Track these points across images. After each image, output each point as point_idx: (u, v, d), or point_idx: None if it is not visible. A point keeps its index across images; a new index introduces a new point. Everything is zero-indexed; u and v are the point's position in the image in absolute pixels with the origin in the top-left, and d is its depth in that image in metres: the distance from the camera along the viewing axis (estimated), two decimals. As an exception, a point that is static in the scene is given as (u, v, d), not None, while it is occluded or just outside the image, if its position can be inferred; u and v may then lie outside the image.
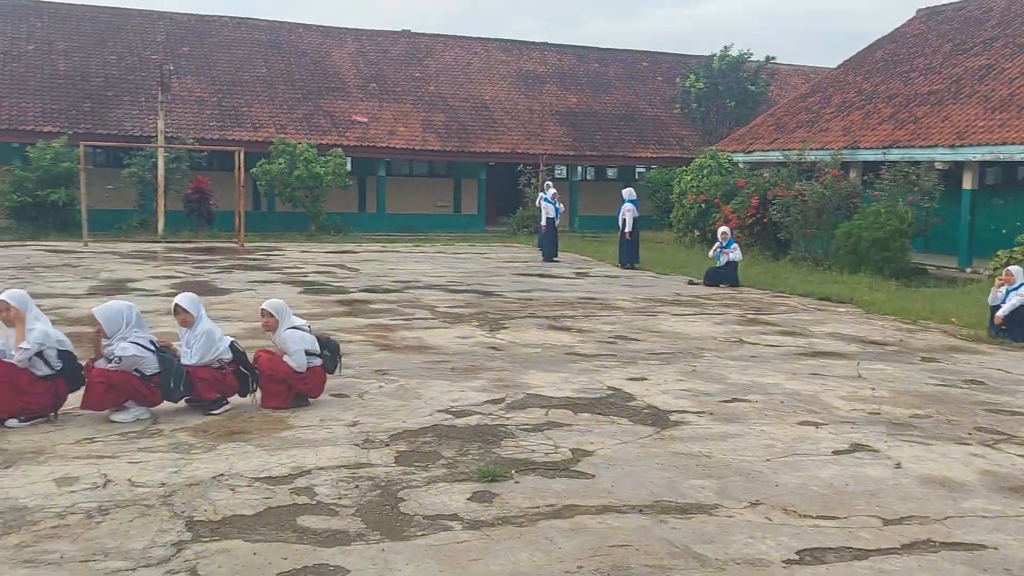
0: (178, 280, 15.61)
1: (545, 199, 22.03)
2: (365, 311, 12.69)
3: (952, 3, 28.11)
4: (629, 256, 20.26)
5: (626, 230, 20.14)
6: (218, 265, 18.33)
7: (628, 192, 21.09)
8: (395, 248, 23.79)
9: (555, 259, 21.28)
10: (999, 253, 16.82)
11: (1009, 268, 11.85)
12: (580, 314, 13.04)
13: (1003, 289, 11.58)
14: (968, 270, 19.30)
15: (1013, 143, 18.42)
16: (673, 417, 7.50)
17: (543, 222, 21.67)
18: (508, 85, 34.69)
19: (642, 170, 33.89)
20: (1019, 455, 6.66)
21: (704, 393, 8.36)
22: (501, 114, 32.77)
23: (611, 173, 35.85)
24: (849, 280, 17.10)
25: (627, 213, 20.24)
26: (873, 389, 8.68)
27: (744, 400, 8.13)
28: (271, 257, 20.30)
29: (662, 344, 10.81)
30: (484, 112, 32.60)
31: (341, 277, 16.77)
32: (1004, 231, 19.07)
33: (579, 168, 33.97)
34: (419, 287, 15.54)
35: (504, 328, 11.61)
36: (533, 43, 38.42)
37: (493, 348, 10.24)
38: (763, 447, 6.71)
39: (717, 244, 17.27)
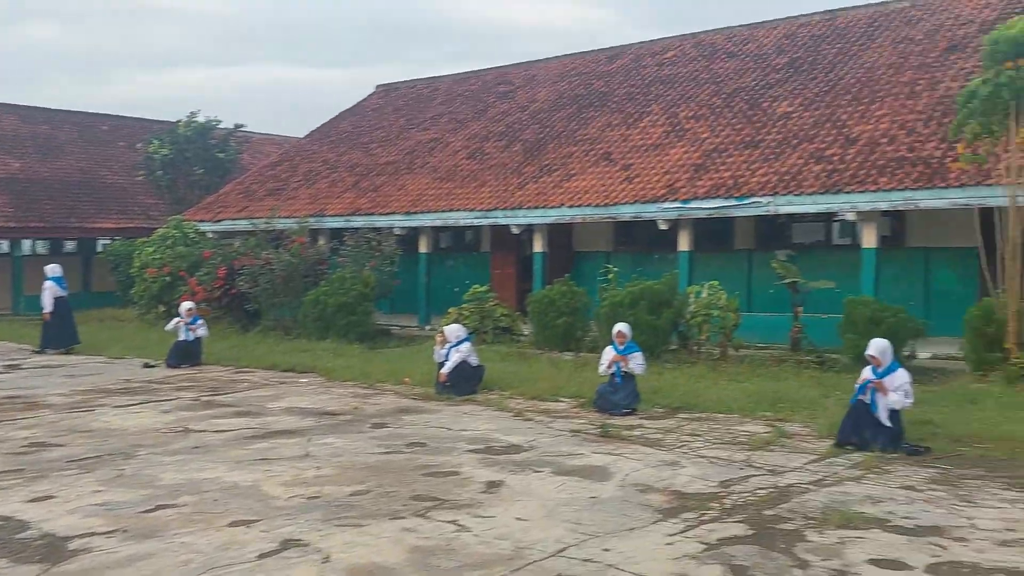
0: None
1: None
2: None
3: (406, 81, 30.38)
4: (55, 340, 18.06)
5: (46, 311, 18.03)
6: None
7: (51, 269, 18.78)
8: None
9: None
10: (450, 311, 18.09)
11: (443, 328, 12.45)
12: (-7, 419, 10.79)
13: (445, 347, 12.12)
14: (427, 328, 20.45)
15: (457, 209, 20.05)
16: (73, 545, 6.15)
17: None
18: (-71, 147, 29.38)
19: (107, 241, 30.90)
20: (447, 521, 6.55)
21: (124, 504, 7.10)
22: (-80, 181, 27.54)
23: (70, 246, 32.16)
24: (316, 347, 16.94)
25: (48, 292, 18.07)
26: (318, 468, 8.20)
27: (171, 506, 7.06)
28: None
29: (89, 446, 9.25)
30: (-102, 179, 27.09)
31: None
32: (456, 289, 20.61)
33: (26, 242, 29.84)
34: None
35: None
36: (-37, 100, 33.20)
37: None
38: (178, 565, 5.71)
39: (179, 320, 15.94)
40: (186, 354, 15.72)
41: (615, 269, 15.97)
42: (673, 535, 5.81)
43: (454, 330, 12.27)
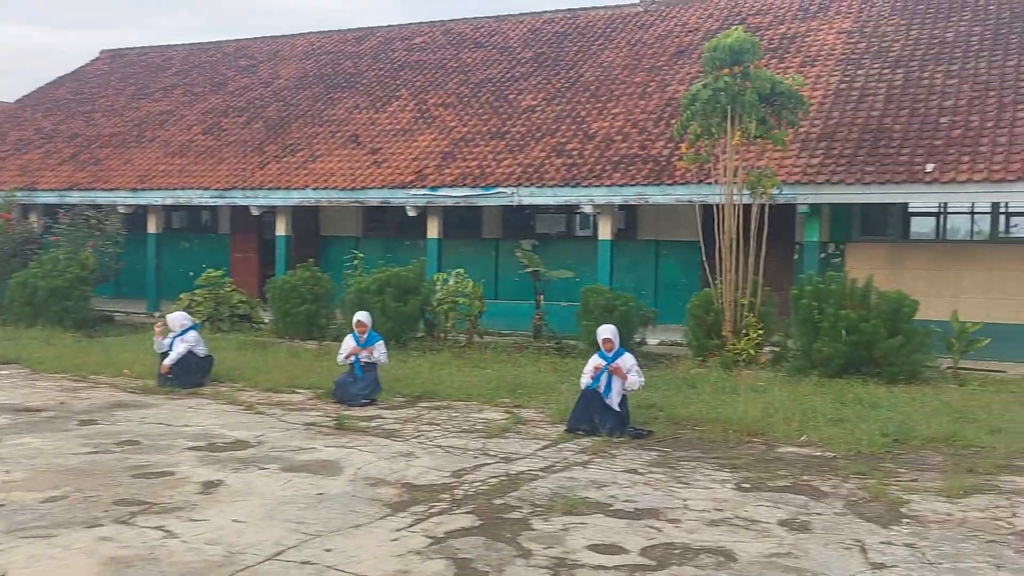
0: None
1: None
2: None
3: (136, 48, 28.06)
4: None
5: None
6: None
7: None
8: None
9: None
10: (182, 296, 16.86)
11: (164, 316, 11.53)
12: None
13: (169, 336, 11.20)
14: (156, 314, 18.97)
15: (192, 187, 18.75)
16: None
17: None
18: None
19: None
20: (153, 527, 5.91)
21: None
22: None
23: None
24: (23, 335, 15.18)
25: None
26: (7, 472, 7.19)
27: None
28: None
29: None
30: None
31: None
32: (191, 273, 19.29)
33: None
34: None
35: None
36: None
37: None
38: None
39: None
40: None
41: (362, 255, 15.58)
42: (400, 530, 5.59)
43: (178, 318, 11.36)
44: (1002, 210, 14.44)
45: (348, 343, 10.37)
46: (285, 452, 7.82)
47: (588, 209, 15.24)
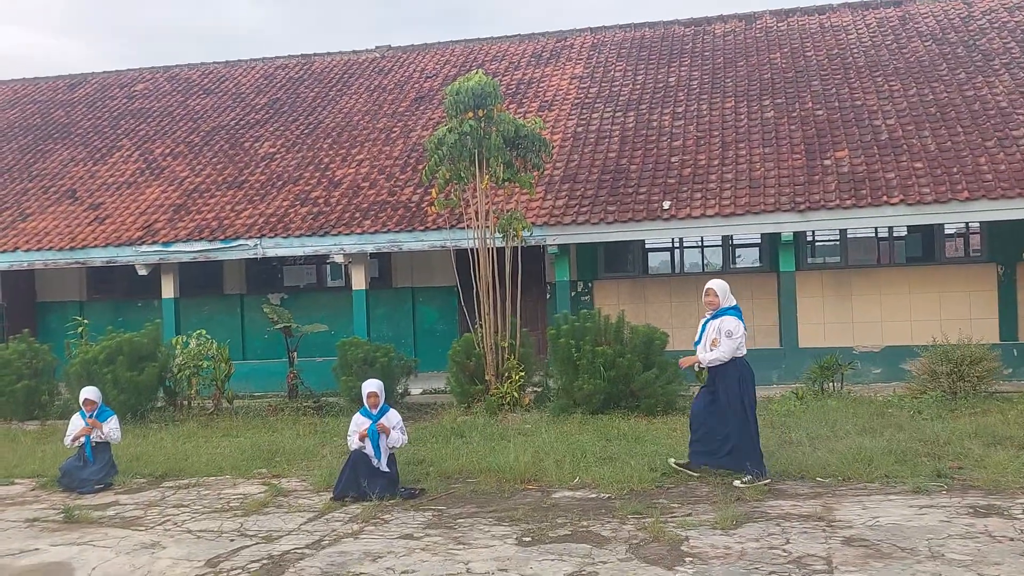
0: None
1: None
2: None
3: None
4: None
5: None
6: None
7: None
8: None
9: None
10: None
11: None
12: None
13: None
14: None
15: None
16: None
17: None
18: None
19: None
20: None
21: None
22: None
23: None
24: None
25: None
26: None
27: None
28: None
29: None
30: None
31: None
32: None
33: None
34: None
35: None
36: None
37: None
38: None
39: None
40: None
41: (86, 321, 14.03)
42: (149, 641, 4.83)
43: None
44: (731, 242, 15.62)
45: (76, 423, 9.13)
46: (2, 558, 6.66)
47: (339, 258, 14.71)
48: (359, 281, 15.00)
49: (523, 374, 11.83)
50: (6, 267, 15.92)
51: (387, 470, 7.74)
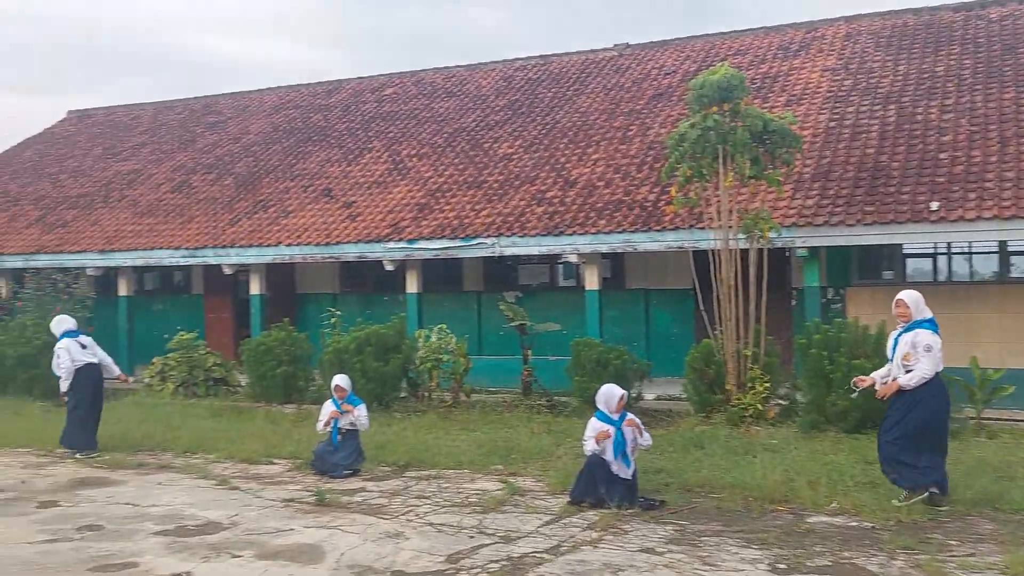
0: None
1: None
2: None
3: (103, 107, 27.50)
4: None
5: None
6: None
7: None
8: None
9: None
10: (155, 360, 16.12)
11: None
12: None
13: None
14: (131, 379, 18.14)
15: (162, 247, 18.05)
16: None
17: None
18: None
19: None
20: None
21: None
22: None
23: None
24: (25, 408, 14.40)
25: None
26: (-52, 572, 6.41)
27: None
28: None
29: None
30: None
31: None
32: (166, 336, 18.49)
33: None
34: None
35: None
36: None
37: None
38: None
39: None
40: None
41: (339, 313, 14.89)
42: (394, 632, 4.89)
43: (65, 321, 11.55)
44: (1009, 248, 13.98)
45: (327, 408, 9.66)
46: (261, 535, 7.09)
47: (573, 258, 14.67)
48: (592, 281, 14.89)
49: (767, 385, 11.15)
50: (270, 260, 17.23)
51: (628, 478, 7.51)
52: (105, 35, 76.21)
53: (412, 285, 16.32)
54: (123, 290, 19.25)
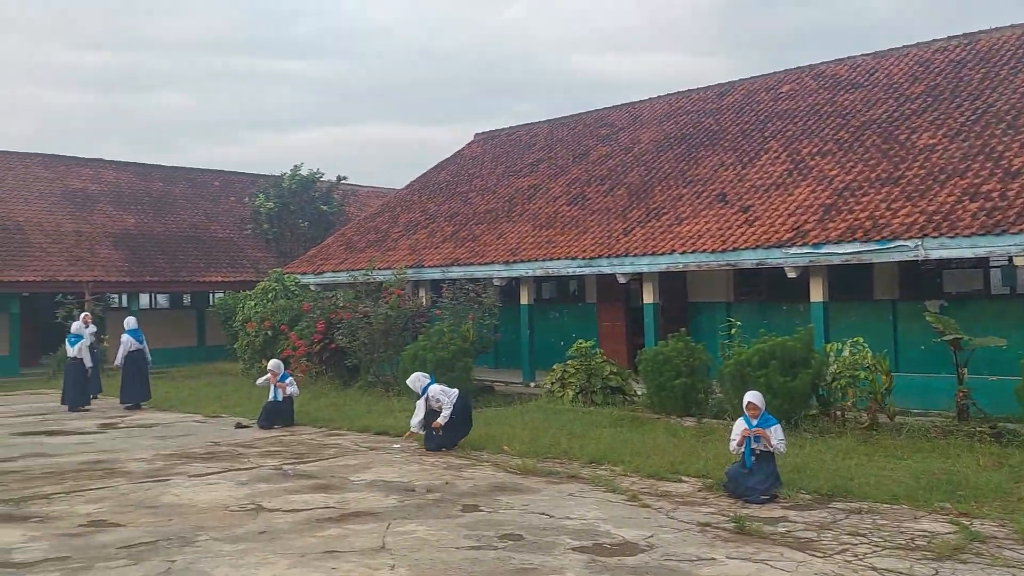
0: None
1: (70, 336, 18.43)
2: None
3: (504, 128, 29.54)
4: (132, 394, 18.00)
5: (117, 363, 18.35)
6: None
7: (128, 321, 19.00)
8: None
9: (84, 407, 17.62)
10: (555, 367, 16.69)
11: (409, 379, 12.65)
12: (63, 490, 9.97)
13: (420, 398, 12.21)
14: (532, 384, 19.11)
15: (559, 258, 18.74)
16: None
17: (88, 362, 18.19)
18: (50, 205, 30.13)
19: (221, 295, 30.96)
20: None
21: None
22: (40, 237, 28.12)
23: (187, 300, 32.49)
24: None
25: (123, 346, 18.13)
26: (392, 567, 6.88)
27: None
28: None
29: (149, 528, 8.23)
30: (17, 235, 27.73)
31: None
32: (562, 343, 19.23)
33: (144, 296, 30.25)
34: None
35: (-78, 531, 8.22)
36: (84, 159, 34.12)
37: None
38: None
39: (267, 377, 15.14)
40: (277, 414, 14.87)
41: (738, 322, 14.28)
42: None
43: (418, 379, 12.32)
44: None
45: (739, 426, 9.10)
46: (682, 562, 6.72)
47: (1020, 261, 12.60)
48: (1043, 288, 12.71)
49: None
50: (663, 268, 17.09)
51: None
52: (504, 65, 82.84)
53: (817, 293, 15.18)
54: (524, 299, 20.33)
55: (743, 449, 8.85)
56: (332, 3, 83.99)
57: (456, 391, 12.29)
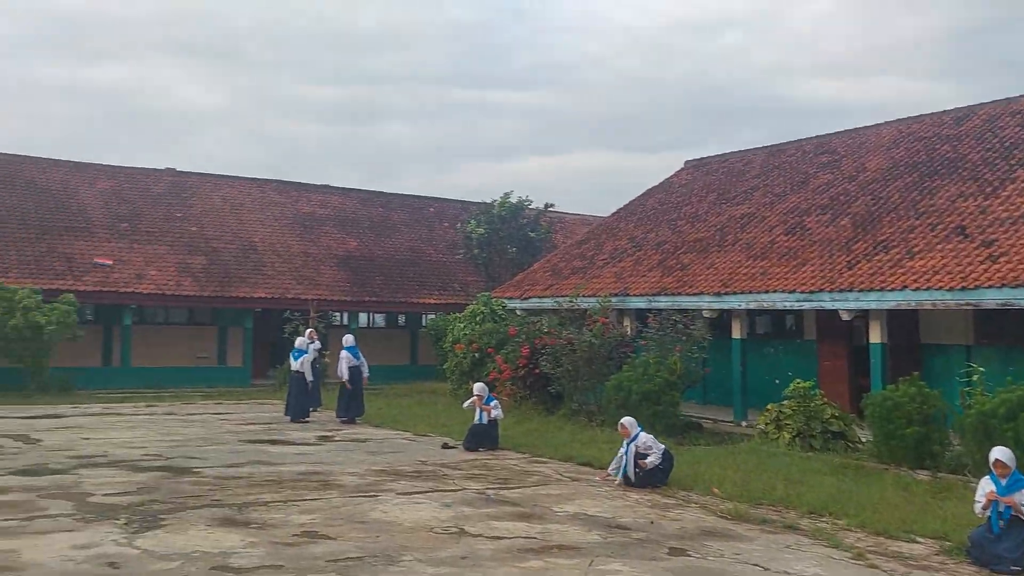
0: None
1: (294, 350, 19.57)
2: (-20, 507, 9.55)
3: (716, 155, 28.77)
4: (348, 409, 18.75)
5: (344, 379, 18.92)
6: None
7: (347, 339, 19.85)
8: (119, 409, 20.32)
9: (304, 419, 18.62)
10: (769, 407, 15.82)
11: (623, 421, 12.16)
12: (281, 499, 10.45)
13: (624, 443, 11.86)
14: (744, 424, 18.26)
15: (775, 291, 17.84)
16: None
17: (310, 376, 19.27)
18: (282, 227, 32.44)
19: (432, 317, 32.11)
20: None
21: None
22: (272, 257, 30.30)
23: (401, 320, 33.95)
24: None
25: (343, 362, 18.92)
26: (596, 609, 6.56)
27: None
28: (-59, 426, 16.45)
29: (357, 543, 8.41)
30: (252, 255, 30.02)
31: (6, 453, 13.38)
32: (776, 381, 18.28)
33: (362, 315, 31.89)
34: (98, 464, 12.48)
35: (158, 527, 8.84)
36: (313, 185, 36.58)
37: (112, 565, 7.47)
38: None
39: (473, 400, 15.33)
40: (482, 437, 15.02)
41: (980, 368, 12.91)
42: None
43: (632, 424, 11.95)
44: None
45: (985, 487, 8.12)
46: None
47: None
48: None
49: None
50: (893, 305, 15.84)
51: None
52: (718, 92, 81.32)
53: (1074, 338, 13.52)
54: (736, 332, 19.50)
55: (989, 512, 7.86)
56: (548, 37, 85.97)
57: (664, 447, 11.89)
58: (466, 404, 15.83)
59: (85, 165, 31.92)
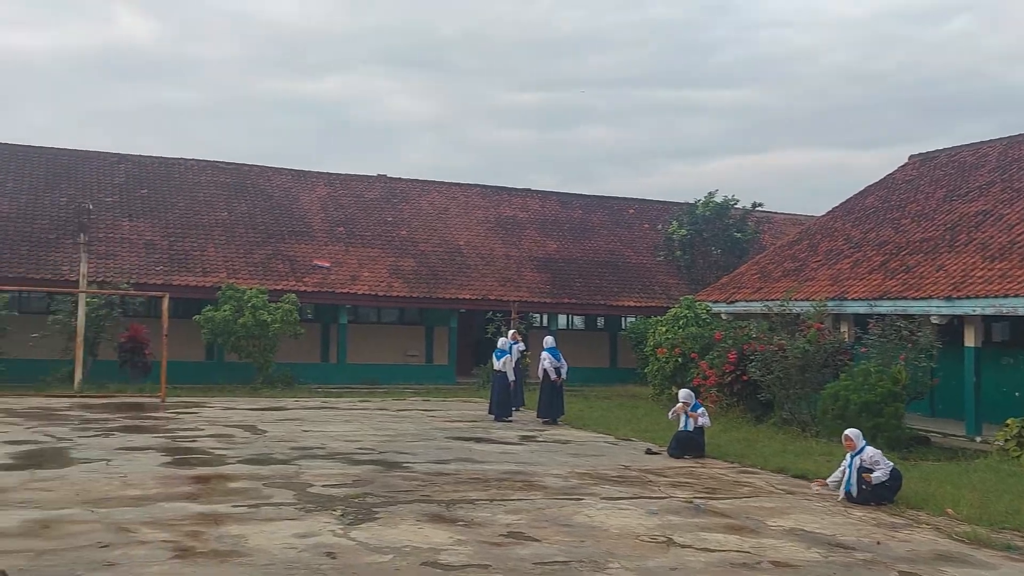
0: (21, 446, 13.24)
1: (497, 350, 19.83)
2: (214, 492, 10.23)
3: (945, 149, 26.60)
4: (549, 409, 18.64)
5: (552, 378, 18.82)
6: (100, 426, 15.95)
7: (547, 340, 19.72)
8: (336, 404, 21.40)
9: (507, 418, 18.82)
10: (1009, 422, 14.34)
11: (847, 432, 11.41)
12: (487, 497, 10.52)
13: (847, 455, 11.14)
14: (978, 439, 16.69)
15: (1016, 295, 16.14)
16: None
17: (511, 376, 19.51)
18: (485, 230, 33.16)
19: (632, 320, 31.78)
20: None
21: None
22: (476, 260, 31.04)
23: (600, 323, 33.84)
24: (836, 451, 14.48)
25: (544, 363, 18.87)
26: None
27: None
28: (184, 415, 17.94)
29: (563, 547, 8.27)
30: (457, 257, 30.88)
31: (236, 442, 14.35)
32: (1017, 394, 16.56)
33: (562, 317, 32.03)
34: (317, 456, 13.11)
35: (372, 520, 9.09)
36: (515, 189, 37.17)
37: (329, 555, 7.71)
38: None
39: (678, 408, 14.86)
40: (688, 444, 14.54)
41: None
42: None
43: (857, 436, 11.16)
44: None
45: None
46: None
47: None
48: None
49: None
50: None
51: None
52: (943, 82, 75.59)
53: None
54: (969, 340, 17.85)
55: None
56: (752, 32, 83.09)
57: (891, 464, 11.01)
58: (671, 414, 15.33)
59: (305, 173, 34.02)
